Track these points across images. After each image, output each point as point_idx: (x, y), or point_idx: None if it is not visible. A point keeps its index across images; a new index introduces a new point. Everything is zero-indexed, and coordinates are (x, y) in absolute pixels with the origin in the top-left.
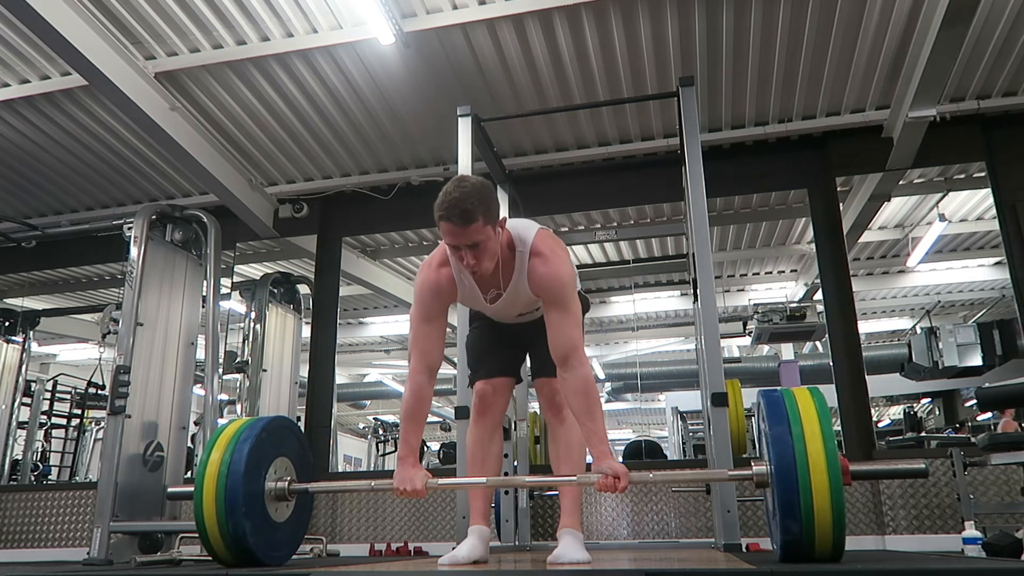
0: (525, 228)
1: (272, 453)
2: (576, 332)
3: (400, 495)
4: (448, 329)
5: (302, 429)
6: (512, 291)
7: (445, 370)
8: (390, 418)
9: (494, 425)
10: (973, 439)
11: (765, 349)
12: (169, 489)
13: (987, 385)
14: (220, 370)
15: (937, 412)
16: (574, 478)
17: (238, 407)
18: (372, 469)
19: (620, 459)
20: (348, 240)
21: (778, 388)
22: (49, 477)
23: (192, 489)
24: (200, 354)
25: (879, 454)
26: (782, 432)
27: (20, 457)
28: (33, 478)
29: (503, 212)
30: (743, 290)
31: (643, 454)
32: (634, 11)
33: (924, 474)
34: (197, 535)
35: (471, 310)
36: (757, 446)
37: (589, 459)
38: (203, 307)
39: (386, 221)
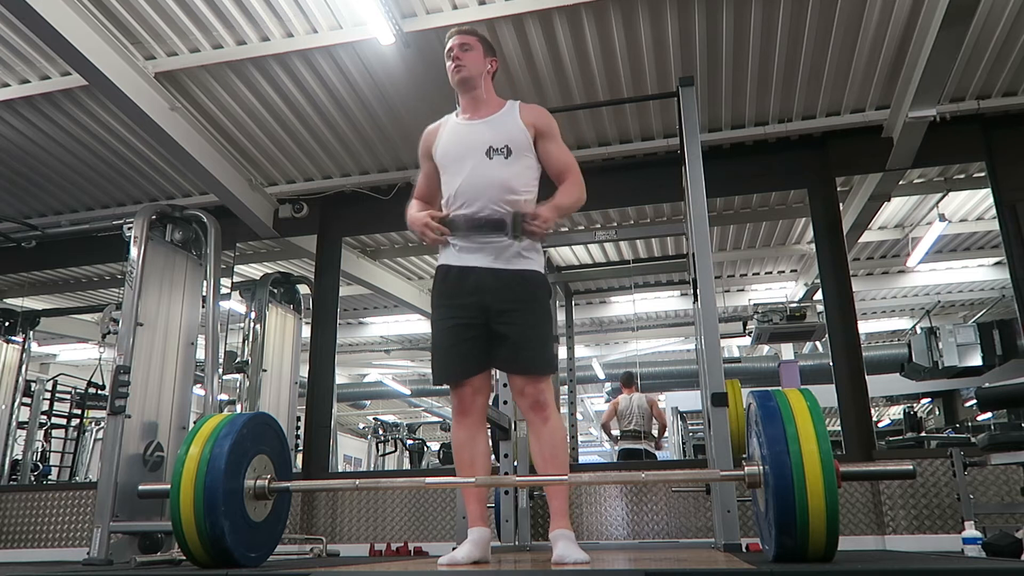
0: None
1: (252, 450)
2: (570, 155)
3: (422, 232)
4: None
5: (300, 427)
6: (498, 117)
7: None
8: (390, 418)
9: (476, 424)
10: (973, 439)
11: (765, 349)
12: (141, 487)
13: (987, 385)
14: (220, 370)
15: (937, 412)
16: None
17: (238, 407)
18: (372, 469)
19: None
20: (348, 240)
21: (769, 389)
22: (49, 477)
23: (168, 487)
24: (200, 354)
25: (879, 454)
26: (776, 433)
27: (20, 457)
28: (33, 478)
29: None
30: (743, 290)
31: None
32: (634, 11)
33: (912, 475)
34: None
35: (433, 295)
36: (747, 447)
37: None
38: (203, 307)
39: (386, 221)
